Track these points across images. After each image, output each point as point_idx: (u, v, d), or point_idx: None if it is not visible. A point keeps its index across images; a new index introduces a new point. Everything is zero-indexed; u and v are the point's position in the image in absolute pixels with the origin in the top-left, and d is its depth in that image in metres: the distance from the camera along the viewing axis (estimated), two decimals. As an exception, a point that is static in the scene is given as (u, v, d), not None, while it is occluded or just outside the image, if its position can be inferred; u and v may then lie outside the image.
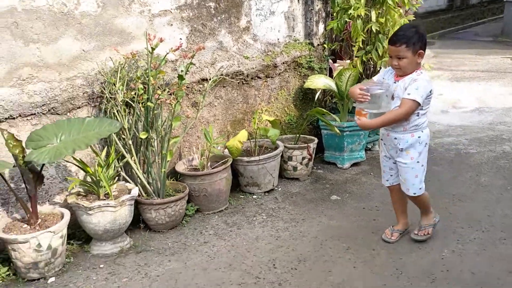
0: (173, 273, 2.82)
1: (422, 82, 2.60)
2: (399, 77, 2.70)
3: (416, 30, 2.63)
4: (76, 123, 2.87)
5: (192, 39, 3.65)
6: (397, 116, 2.63)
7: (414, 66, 2.65)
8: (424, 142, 2.76)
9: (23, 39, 2.86)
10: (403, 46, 2.59)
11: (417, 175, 2.81)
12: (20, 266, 2.73)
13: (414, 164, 2.78)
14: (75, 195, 3.05)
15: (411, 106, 2.60)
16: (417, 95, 2.58)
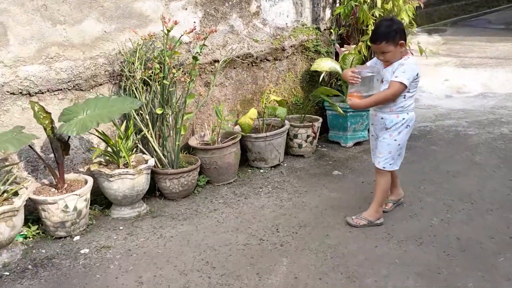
0: (185, 234, 3.11)
1: (409, 66, 2.81)
2: (388, 64, 2.90)
3: (391, 25, 2.80)
4: (102, 100, 3.15)
5: (205, 22, 3.91)
6: (385, 96, 2.85)
7: (399, 55, 2.84)
8: (406, 124, 2.95)
9: (51, 20, 3.15)
10: (383, 42, 2.79)
11: (391, 152, 2.99)
12: (49, 225, 3.05)
13: (392, 142, 2.97)
14: (97, 164, 3.36)
15: (398, 88, 2.80)
16: (403, 77, 2.78)
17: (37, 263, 2.84)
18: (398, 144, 2.99)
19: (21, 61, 3.06)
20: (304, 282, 2.57)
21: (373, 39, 2.86)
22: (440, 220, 3.15)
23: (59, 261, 2.85)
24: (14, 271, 2.76)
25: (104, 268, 2.77)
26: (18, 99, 3.08)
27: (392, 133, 2.97)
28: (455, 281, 2.52)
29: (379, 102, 2.89)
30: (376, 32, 2.85)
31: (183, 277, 2.65)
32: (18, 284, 2.63)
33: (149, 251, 2.93)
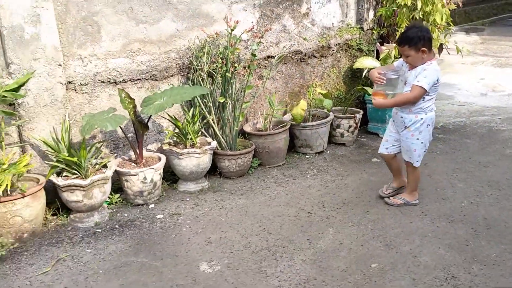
0: (243, 207, 3.61)
1: (431, 72, 3.07)
2: (413, 67, 3.16)
3: (417, 32, 3.05)
4: (177, 88, 3.68)
5: (261, 22, 4.39)
6: (407, 99, 3.12)
7: (420, 60, 3.09)
8: (426, 124, 3.22)
9: (135, 20, 3.69)
10: (406, 46, 3.06)
11: (416, 150, 3.30)
12: (129, 194, 3.61)
13: (414, 140, 3.27)
14: (167, 144, 3.89)
15: (419, 92, 3.07)
16: (424, 82, 3.05)
17: (122, 224, 3.39)
18: (422, 142, 3.28)
19: (110, 55, 3.62)
20: (348, 247, 3.02)
21: (398, 41, 3.16)
22: (470, 203, 3.53)
23: (140, 223, 3.40)
24: (104, 229, 3.32)
25: (177, 230, 3.30)
26: (106, 86, 3.64)
27: (413, 133, 3.25)
28: (481, 252, 2.92)
29: (401, 103, 3.17)
30: (402, 36, 3.13)
31: (244, 239, 3.15)
32: (109, 239, 3.19)
33: (213, 218, 3.45)
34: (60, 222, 3.42)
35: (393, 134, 3.43)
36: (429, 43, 3.09)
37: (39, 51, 3.26)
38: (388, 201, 3.52)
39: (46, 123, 3.38)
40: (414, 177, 3.45)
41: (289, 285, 2.67)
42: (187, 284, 2.70)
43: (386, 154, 3.50)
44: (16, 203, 3.01)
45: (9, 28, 3.14)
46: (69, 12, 3.41)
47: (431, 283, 2.64)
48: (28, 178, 3.28)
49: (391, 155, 3.49)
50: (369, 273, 2.75)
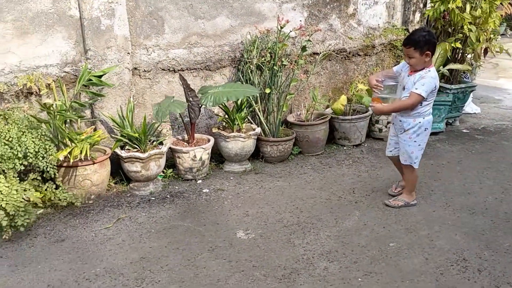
0: (280, 188, 3.99)
1: (428, 79, 3.19)
2: (412, 72, 3.27)
3: (425, 35, 3.15)
4: (230, 84, 4.14)
5: (309, 21, 4.74)
6: (405, 105, 3.25)
7: (423, 64, 3.20)
8: (423, 127, 3.34)
9: (194, 16, 4.16)
10: (412, 48, 3.15)
11: (413, 152, 3.41)
12: (181, 169, 4.09)
13: (412, 143, 3.38)
14: (216, 127, 4.34)
15: (416, 99, 3.20)
16: (422, 90, 3.17)
17: (173, 194, 3.88)
18: (419, 144, 3.41)
19: (171, 46, 4.11)
20: (371, 228, 3.34)
21: (404, 42, 3.24)
22: (494, 199, 3.73)
23: (188, 195, 3.87)
24: (157, 198, 3.82)
25: (220, 203, 3.74)
26: (166, 74, 4.14)
27: (411, 136, 3.37)
28: (495, 240, 3.14)
29: (399, 109, 3.31)
30: (409, 37, 3.23)
31: (278, 214, 3.54)
32: (161, 206, 3.68)
33: (252, 196, 3.86)
34: (121, 189, 3.95)
35: (393, 137, 3.57)
36: (433, 48, 3.20)
37: (112, 40, 3.80)
38: (388, 203, 3.60)
39: (114, 103, 3.92)
40: (412, 178, 3.56)
41: (313, 254, 3.03)
42: (224, 247, 3.13)
43: (391, 156, 3.66)
44: (87, 169, 3.57)
45: (89, 20, 3.69)
46: (138, 7, 3.92)
47: (442, 263, 2.91)
48: (97, 149, 3.83)
49: (396, 156, 3.60)
50: (386, 250, 3.06)
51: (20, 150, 3.23)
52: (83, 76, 3.63)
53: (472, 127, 5.51)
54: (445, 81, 5.38)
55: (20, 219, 3.12)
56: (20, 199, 3.12)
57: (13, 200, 3.07)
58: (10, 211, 3.04)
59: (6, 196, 3.06)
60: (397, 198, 3.62)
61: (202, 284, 2.75)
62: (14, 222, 3.12)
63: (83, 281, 2.78)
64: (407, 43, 3.21)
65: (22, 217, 3.13)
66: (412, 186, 3.60)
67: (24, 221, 3.14)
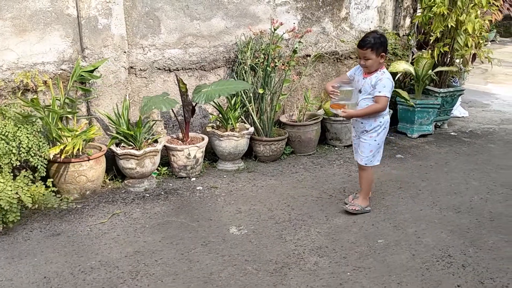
0: (272, 186, 4.08)
1: (386, 80, 3.27)
2: (367, 74, 3.33)
3: (379, 37, 3.24)
4: (223, 81, 4.21)
5: (302, 24, 4.84)
6: (377, 109, 3.31)
7: (378, 65, 3.27)
8: (384, 126, 3.41)
9: (190, 17, 4.24)
10: (369, 49, 3.21)
11: (372, 150, 3.45)
12: (175, 167, 4.16)
13: (372, 142, 3.43)
14: (210, 126, 4.42)
15: (385, 101, 3.29)
16: (386, 91, 3.27)
17: (167, 191, 3.95)
18: (378, 143, 3.45)
19: (167, 46, 4.19)
20: (360, 225, 3.43)
21: (361, 44, 3.25)
22: (479, 198, 3.84)
23: (182, 192, 3.95)
24: (151, 194, 3.89)
25: (213, 200, 3.81)
26: (161, 73, 4.21)
27: (372, 135, 3.42)
28: (480, 238, 3.25)
29: (371, 113, 3.34)
30: (365, 39, 3.25)
31: (270, 211, 3.62)
32: (155, 202, 3.75)
33: (245, 193, 3.94)
34: (116, 185, 4.02)
35: (355, 141, 3.60)
36: (386, 50, 3.30)
37: (108, 39, 3.87)
38: (346, 208, 3.58)
39: (110, 101, 3.98)
40: (368, 180, 3.57)
41: (304, 249, 3.12)
42: (217, 242, 3.20)
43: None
44: (82, 165, 3.63)
45: (86, 19, 3.76)
46: (135, 7, 4.00)
47: (428, 259, 3.01)
48: (93, 146, 3.89)
49: None
50: (374, 246, 3.16)
51: (15, 146, 3.28)
52: (75, 72, 3.68)
53: (460, 130, 5.64)
54: (434, 85, 5.51)
55: (11, 215, 3.16)
56: (13, 195, 3.16)
57: (7, 196, 3.12)
58: (5, 206, 3.08)
59: (1, 192, 3.10)
60: (353, 203, 3.61)
61: (195, 277, 2.82)
62: (6, 218, 3.16)
63: (79, 274, 2.84)
64: (364, 45, 3.24)
65: (14, 213, 3.18)
66: (367, 189, 3.60)
67: (15, 217, 3.19)
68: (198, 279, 2.80)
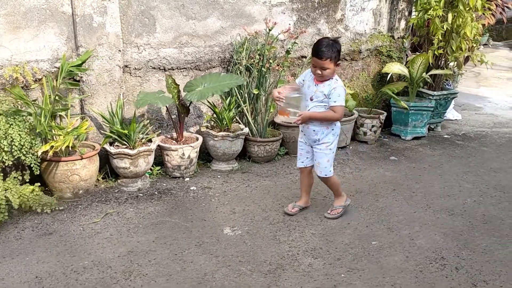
0: (266, 187, 4.07)
1: (340, 89, 3.18)
2: (318, 81, 3.22)
3: (335, 45, 3.12)
4: (214, 76, 4.19)
5: (298, 25, 4.84)
6: (333, 117, 3.21)
7: (333, 73, 3.19)
8: (336, 133, 3.33)
9: (185, 16, 4.22)
10: (328, 60, 3.08)
11: (328, 160, 3.35)
12: (169, 167, 4.14)
13: (327, 151, 3.33)
14: (205, 126, 4.40)
15: (341, 110, 3.20)
16: (341, 100, 3.17)
17: (161, 191, 3.93)
18: (333, 152, 3.37)
19: (162, 45, 4.17)
20: (354, 227, 3.43)
21: (319, 55, 3.08)
22: (473, 201, 3.86)
23: (175, 192, 3.92)
24: (145, 194, 3.87)
25: (207, 200, 3.80)
26: (156, 72, 4.19)
27: (326, 144, 3.32)
28: (473, 241, 3.26)
29: (328, 119, 3.23)
30: (322, 49, 3.08)
31: (264, 212, 3.61)
32: (149, 202, 3.73)
33: (239, 194, 3.92)
34: (109, 185, 3.99)
35: (304, 147, 3.46)
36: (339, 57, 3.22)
37: (103, 37, 3.84)
38: (328, 216, 3.53)
39: (104, 100, 3.95)
40: (334, 185, 3.52)
41: (298, 251, 3.11)
42: (211, 242, 3.19)
43: (303, 167, 3.52)
44: (76, 163, 3.59)
45: (81, 17, 3.73)
46: (130, 5, 3.97)
47: (422, 261, 3.01)
48: (86, 144, 3.86)
49: (308, 168, 3.51)
50: (368, 248, 3.16)
51: (7, 144, 3.24)
52: (63, 68, 3.62)
53: (453, 133, 5.67)
54: (428, 87, 5.54)
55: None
56: (2, 196, 3.12)
57: (-4, 196, 3.09)
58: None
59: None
60: (333, 208, 3.55)
61: (189, 277, 2.81)
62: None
63: (71, 273, 2.82)
64: (322, 56, 3.09)
65: (2, 213, 3.14)
66: (338, 190, 3.56)
67: (3, 217, 3.15)
68: (192, 280, 2.78)
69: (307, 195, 3.64)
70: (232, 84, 4.10)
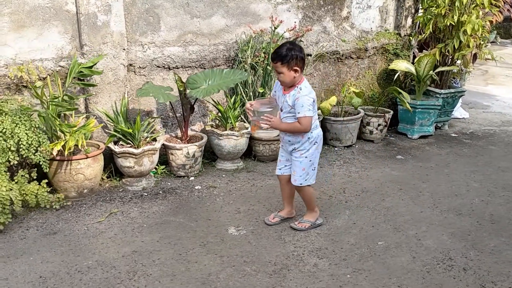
0: (271, 186, 4.04)
1: (303, 99, 2.98)
2: (285, 90, 3.08)
3: (291, 49, 2.93)
4: (218, 72, 4.16)
5: (303, 23, 4.80)
6: (299, 129, 3.05)
7: (292, 80, 2.98)
8: (313, 142, 3.13)
9: (190, 14, 4.20)
10: (279, 63, 2.93)
11: (304, 169, 3.16)
12: (173, 166, 4.12)
13: (303, 159, 3.15)
14: (210, 125, 4.38)
15: (307, 121, 3.00)
16: (305, 111, 2.98)
17: (165, 190, 3.91)
18: (310, 160, 3.17)
19: (166, 43, 4.14)
20: (360, 227, 3.40)
21: (272, 57, 3.01)
22: (480, 201, 3.81)
23: (180, 191, 3.90)
24: (150, 193, 3.85)
25: (212, 199, 3.78)
26: (161, 71, 4.17)
27: (302, 152, 3.15)
28: (481, 241, 3.22)
29: (294, 131, 3.09)
30: (276, 52, 2.98)
31: (269, 212, 3.58)
32: (154, 202, 3.71)
33: (244, 193, 3.90)
34: (113, 184, 3.98)
35: (284, 154, 3.32)
36: (302, 63, 2.99)
37: (107, 36, 3.82)
38: (294, 226, 3.34)
39: (108, 98, 3.94)
40: (308, 197, 3.32)
41: (303, 251, 3.09)
42: (216, 242, 3.17)
43: (281, 175, 3.36)
44: (80, 163, 3.58)
45: (85, 15, 3.71)
46: (135, 4, 3.95)
47: (429, 262, 2.98)
48: (90, 144, 3.85)
49: (286, 176, 3.33)
50: (374, 248, 3.12)
51: (13, 143, 3.23)
52: (73, 69, 3.63)
53: (461, 132, 5.61)
54: (435, 85, 5.48)
55: (3, 216, 3.12)
56: (7, 196, 3.11)
57: (1, 197, 3.07)
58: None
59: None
60: (302, 220, 3.36)
61: (193, 277, 2.78)
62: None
63: (75, 273, 2.80)
64: (274, 58, 2.98)
65: (6, 214, 3.14)
66: (311, 205, 3.35)
67: (7, 219, 3.15)
68: (196, 280, 2.76)
69: (289, 205, 3.45)
70: (236, 79, 4.07)
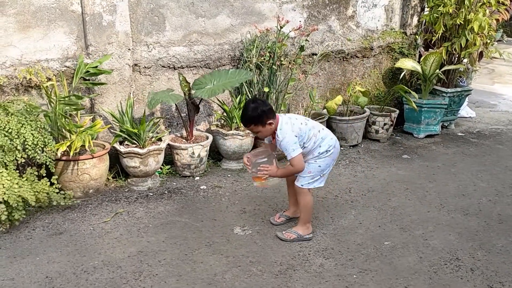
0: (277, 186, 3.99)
1: (284, 142, 2.97)
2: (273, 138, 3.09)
3: (257, 108, 2.93)
4: (223, 73, 4.16)
5: (308, 22, 4.78)
6: (293, 171, 3.07)
7: (270, 132, 3.01)
8: (324, 151, 3.09)
9: (195, 14, 4.19)
10: (252, 125, 2.97)
11: (310, 171, 3.10)
12: (179, 166, 4.11)
13: (312, 163, 3.10)
14: (215, 125, 4.37)
15: (296, 161, 2.99)
16: (290, 152, 2.97)
17: (171, 190, 3.91)
18: (319, 166, 3.10)
19: (171, 43, 4.14)
20: (366, 227, 3.38)
21: (243, 123, 3.05)
22: (488, 200, 3.78)
23: (186, 191, 3.90)
24: (155, 193, 3.85)
25: (218, 199, 3.77)
26: (166, 71, 4.17)
27: (317, 160, 3.11)
28: (488, 241, 3.19)
29: (290, 174, 3.14)
30: (244, 116, 2.99)
31: (275, 212, 3.56)
32: (159, 202, 3.71)
33: (250, 193, 3.89)
34: (119, 184, 3.98)
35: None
36: (271, 113, 2.98)
37: (113, 36, 3.82)
38: (279, 235, 3.23)
39: (114, 99, 3.94)
40: (306, 204, 3.19)
41: (309, 251, 3.07)
42: (221, 242, 3.16)
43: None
44: (86, 163, 3.59)
45: (91, 15, 3.72)
46: (140, 4, 3.95)
47: (436, 262, 2.95)
48: (96, 144, 3.85)
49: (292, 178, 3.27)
50: (381, 248, 3.10)
51: (19, 143, 3.24)
52: (80, 69, 3.64)
53: (467, 131, 5.58)
54: (442, 84, 5.45)
55: (17, 213, 3.14)
56: (19, 193, 3.13)
57: (14, 193, 3.09)
58: (13, 204, 3.06)
59: (8, 190, 3.07)
60: (290, 230, 3.23)
61: (199, 278, 2.78)
62: (12, 216, 3.13)
63: (81, 273, 2.80)
64: (245, 123, 3.02)
65: (20, 211, 3.16)
66: (307, 216, 3.21)
67: (21, 215, 3.16)
68: (202, 280, 2.75)
69: (294, 206, 3.41)
70: (242, 79, 4.06)
